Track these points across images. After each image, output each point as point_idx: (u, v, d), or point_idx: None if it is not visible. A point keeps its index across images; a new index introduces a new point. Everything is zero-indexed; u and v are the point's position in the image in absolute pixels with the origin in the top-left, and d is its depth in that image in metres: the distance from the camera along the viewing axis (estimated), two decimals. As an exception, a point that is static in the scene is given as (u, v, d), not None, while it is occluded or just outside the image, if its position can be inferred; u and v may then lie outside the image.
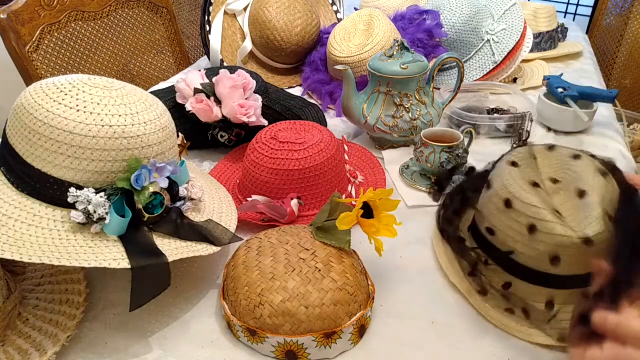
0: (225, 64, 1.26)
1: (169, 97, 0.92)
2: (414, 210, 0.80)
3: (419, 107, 0.91)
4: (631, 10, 1.67)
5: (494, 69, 1.18)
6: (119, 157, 0.55)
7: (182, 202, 0.63)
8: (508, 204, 0.57)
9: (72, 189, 0.54)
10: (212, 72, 0.92)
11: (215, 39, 1.25)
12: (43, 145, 0.54)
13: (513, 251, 0.58)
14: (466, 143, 0.87)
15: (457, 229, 0.68)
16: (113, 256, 0.54)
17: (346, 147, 0.93)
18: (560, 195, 0.56)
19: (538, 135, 1.01)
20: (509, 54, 1.17)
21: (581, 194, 0.55)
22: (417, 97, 0.91)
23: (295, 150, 0.76)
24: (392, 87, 0.89)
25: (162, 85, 1.26)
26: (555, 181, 0.58)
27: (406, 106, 0.90)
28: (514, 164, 0.60)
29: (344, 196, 0.81)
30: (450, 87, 1.03)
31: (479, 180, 0.68)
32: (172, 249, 0.58)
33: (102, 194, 0.54)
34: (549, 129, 1.04)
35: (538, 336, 0.56)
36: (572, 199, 0.55)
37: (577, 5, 1.95)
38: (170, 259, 0.56)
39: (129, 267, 0.53)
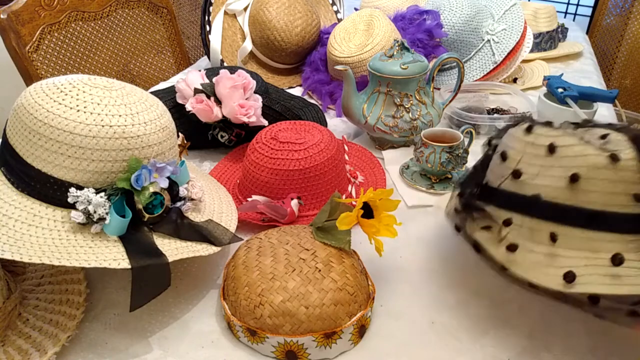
0: (225, 64, 1.26)
1: (169, 97, 0.92)
2: (414, 210, 0.80)
3: (419, 107, 0.91)
4: (631, 10, 1.67)
5: (494, 69, 1.18)
6: (119, 157, 0.55)
7: (182, 202, 0.63)
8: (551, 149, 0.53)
9: (72, 189, 0.54)
10: (212, 72, 0.92)
11: (215, 39, 1.25)
12: (43, 145, 0.54)
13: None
14: (466, 143, 0.87)
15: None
16: (113, 256, 0.54)
17: (346, 147, 0.93)
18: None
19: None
20: (509, 54, 1.17)
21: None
22: (417, 97, 0.91)
23: (295, 150, 0.76)
24: (392, 87, 0.89)
25: (162, 85, 1.26)
26: None
27: (406, 106, 0.90)
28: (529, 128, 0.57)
29: (344, 196, 0.81)
30: (450, 87, 1.03)
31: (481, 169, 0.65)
32: (172, 249, 0.58)
33: (102, 194, 0.54)
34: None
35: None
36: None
37: (577, 5, 1.95)
38: (170, 259, 0.56)
39: (129, 267, 0.53)
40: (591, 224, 0.50)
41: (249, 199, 0.73)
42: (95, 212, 0.53)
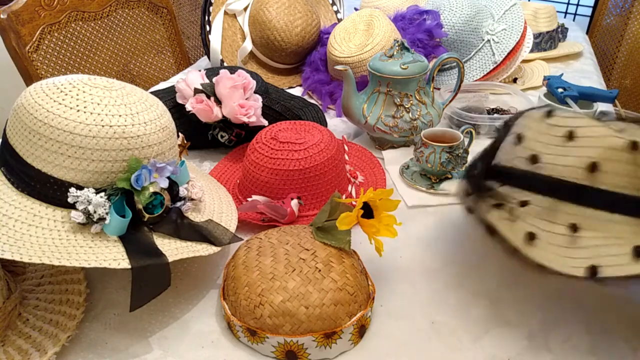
0: (225, 64, 1.26)
1: (169, 97, 0.92)
2: (414, 210, 0.80)
3: (419, 107, 0.91)
4: (631, 10, 1.67)
5: (494, 69, 1.18)
6: (119, 157, 0.55)
7: (182, 202, 0.63)
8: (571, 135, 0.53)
9: (72, 189, 0.54)
10: (212, 72, 0.92)
11: (215, 39, 1.25)
12: (43, 145, 0.54)
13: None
14: (466, 143, 0.87)
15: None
16: (113, 256, 0.54)
17: (346, 147, 0.93)
18: None
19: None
20: (509, 54, 1.17)
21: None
22: (417, 97, 0.91)
23: (295, 150, 0.76)
24: (392, 87, 0.89)
25: (162, 85, 1.26)
26: None
27: (406, 106, 0.90)
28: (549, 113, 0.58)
29: (344, 196, 0.81)
30: (450, 87, 1.03)
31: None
32: (172, 249, 0.58)
33: (102, 194, 0.54)
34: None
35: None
36: None
37: (577, 5, 1.95)
38: (170, 259, 0.56)
39: (129, 267, 0.53)
40: (611, 207, 0.49)
41: (249, 199, 0.73)
42: (95, 212, 0.53)
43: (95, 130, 0.54)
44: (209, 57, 1.28)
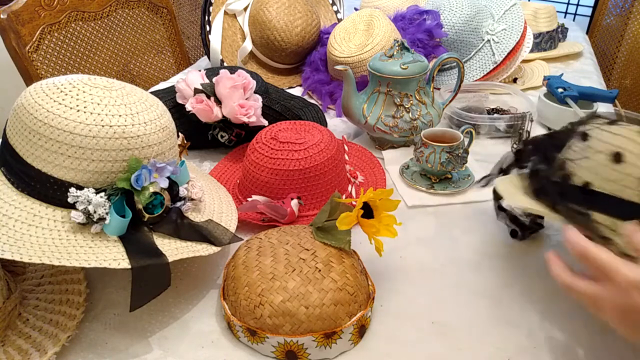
0: (225, 64, 1.26)
1: (169, 97, 0.92)
2: (414, 210, 0.80)
3: (419, 107, 0.91)
4: (631, 10, 1.67)
5: (494, 69, 1.18)
6: (119, 157, 0.55)
7: (182, 202, 0.63)
8: None
9: (72, 189, 0.54)
10: (212, 72, 0.92)
11: (215, 39, 1.25)
12: (43, 145, 0.54)
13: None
14: (466, 143, 0.87)
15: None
16: (113, 256, 0.54)
17: (346, 147, 0.93)
18: None
19: (538, 135, 1.01)
20: (509, 54, 1.17)
21: None
22: (417, 97, 0.91)
23: (295, 150, 0.76)
24: (392, 87, 0.89)
25: (162, 85, 1.26)
26: None
27: (406, 106, 0.90)
28: None
29: (344, 196, 0.81)
30: (450, 87, 1.03)
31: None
32: (172, 249, 0.58)
33: (102, 194, 0.54)
34: (549, 129, 1.04)
35: None
36: None
37: (577, 5, 1.95)
38: (170, 259, 0.56)
39: (129, 267, 0.53)
40: None
41: (249, 199, 0.73)
42: (95, 212, 0.53)
43: (95, 130, 0.54)
44: (209, 57, 1.28)
